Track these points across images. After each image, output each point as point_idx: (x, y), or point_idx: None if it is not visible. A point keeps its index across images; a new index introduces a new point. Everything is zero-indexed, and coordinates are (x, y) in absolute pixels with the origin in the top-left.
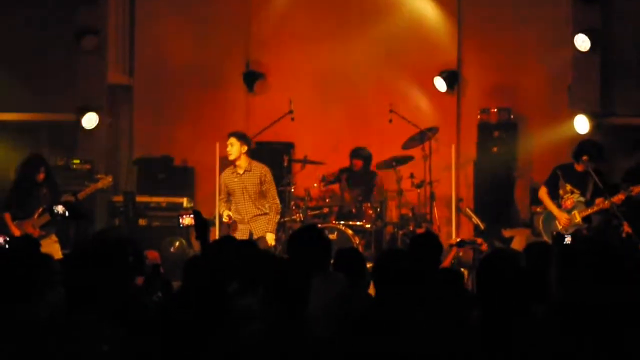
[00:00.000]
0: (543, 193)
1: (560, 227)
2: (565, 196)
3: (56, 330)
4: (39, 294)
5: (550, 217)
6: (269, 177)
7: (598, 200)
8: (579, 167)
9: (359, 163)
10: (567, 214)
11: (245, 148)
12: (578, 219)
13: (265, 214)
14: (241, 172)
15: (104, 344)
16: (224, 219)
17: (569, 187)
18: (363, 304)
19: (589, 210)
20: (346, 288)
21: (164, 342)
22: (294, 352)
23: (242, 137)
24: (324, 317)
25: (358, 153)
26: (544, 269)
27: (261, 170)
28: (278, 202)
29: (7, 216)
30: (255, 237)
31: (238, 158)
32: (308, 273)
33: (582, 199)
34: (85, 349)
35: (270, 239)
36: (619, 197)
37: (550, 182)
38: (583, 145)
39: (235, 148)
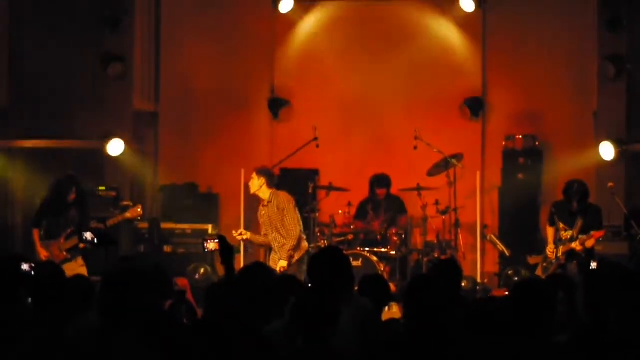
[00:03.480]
0: (546, 226)
1: (548, 259)
2: (561, 233)
3: (91, 354)
4: (67, 318)
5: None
6: (282, 205)
7: (574, 244)
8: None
9: (383, 192)
10: (554, 246)
11: (262, 180)
12: (559, 254)
13: None
14: (266, 204)
15: None
16: (236, 235)
17: (561, 225)
18: (389, 329)
19: (565, 247)
20: (371, 313)
21: None
22: None
23: (260, 172)
24: (350, 343)
25: (381, 182)
26: (569, 297)
27: (278, 198)
28: (293, 228)
29: (36, 233)
30: None
31: (258, 190)
32: (334, 297)
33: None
34: None
35: (279, 265)
36: (589, 242)
37: (549, 218)
38: (569, 185)
39: (253, 182)
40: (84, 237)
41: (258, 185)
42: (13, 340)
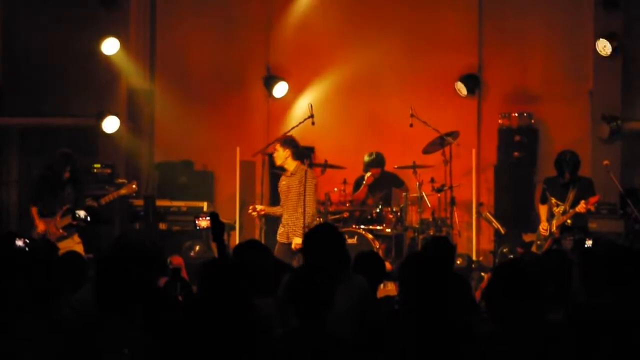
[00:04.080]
0: (538, 205)
1: (541, 236)
2: (553, 209)
3: (81, 332)
4: (61, 295)
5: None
6: (307, 181)
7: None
8: (562, 179)
9: (377, 171)
10: (547, 224)
11: (288, 152)
12: (553, 228)
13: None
14: (289, 175)
15: (125, 348)
16: (252, 212)
17: (553, 200)
18: (384, 307)
19: (558, 221)
20: (366, 291)
21: (184, 346)
22: (315, 355)
23: (284, 142)
24: (345, 320)
25: (374, 162)
26: (564, 275)
27: (302, 173)
28: (311, 206)
29: (34, 210)
30: (290, 239)
31: (284, 162)
32: (331, 276)
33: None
34: (108, 351)
35: (294, 242)
36: (581, 207)
37: (541, 196)
38: (561, 156)
39: (278, 153)
40: (77, 215)
41: (283, 157)
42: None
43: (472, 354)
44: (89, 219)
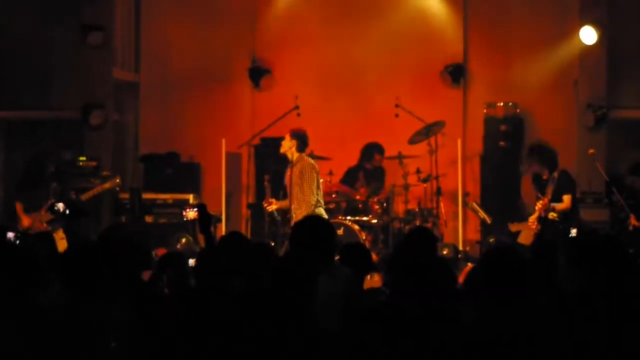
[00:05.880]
0: None
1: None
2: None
3: (64, 324)
4: (44, 286)
5: None
6: (304, 170)
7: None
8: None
9: (379, 158)
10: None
11: (294, 143)
12: (530, 220)
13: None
14: (292, 166)
15: (113, 341)
16: (266, 206)
17: (538, 194)
18: (370, 298)
19: (535, 215)
20: (353, 283)
21: (169, 336)
22: (301, 346)
23: (293, 133)
24: (331, 312)
25: (379, 148)
26: (551, 263)
27: (303, 163)
28: (308, 195)
29: (19, 206)
30: None
31: (287, 151)
32: (313, 266)
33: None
34: (93, 344)
35: None
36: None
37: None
38: (529, 149)
39: (285, 142)
40: (56, 208)
41: (288, 147)
42: None
43: (459, 341)
44: (67, 212)
